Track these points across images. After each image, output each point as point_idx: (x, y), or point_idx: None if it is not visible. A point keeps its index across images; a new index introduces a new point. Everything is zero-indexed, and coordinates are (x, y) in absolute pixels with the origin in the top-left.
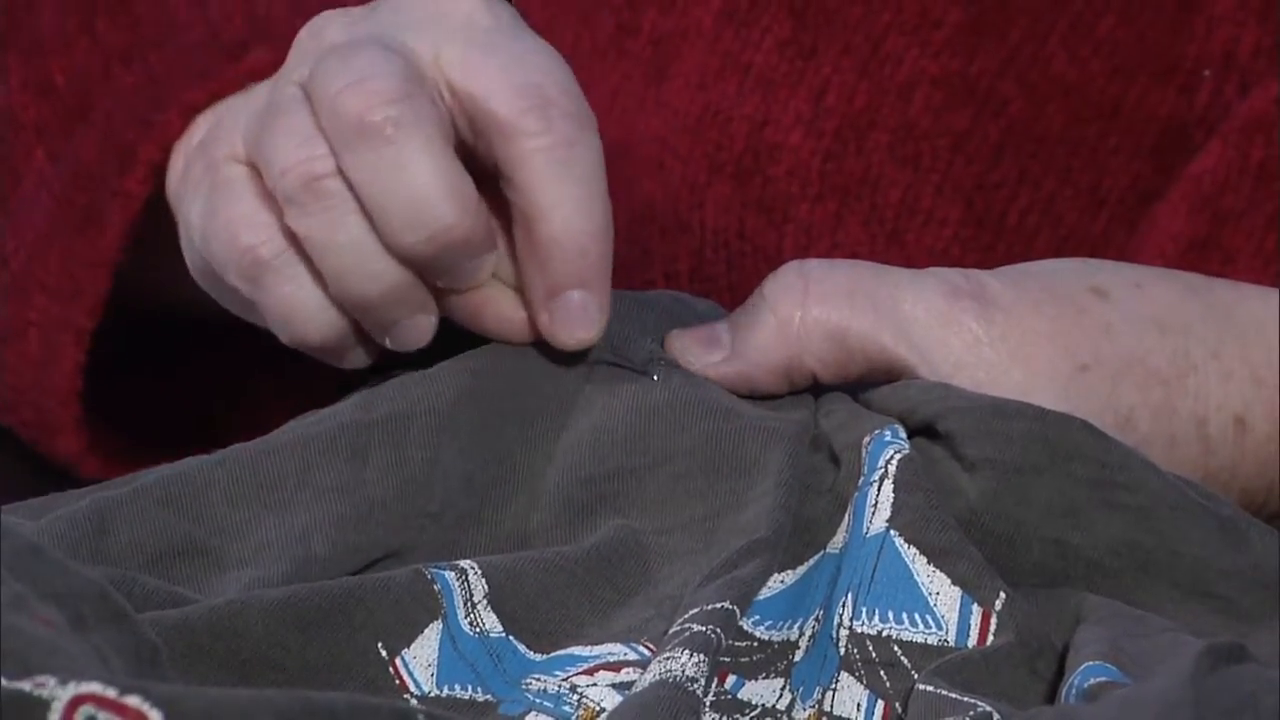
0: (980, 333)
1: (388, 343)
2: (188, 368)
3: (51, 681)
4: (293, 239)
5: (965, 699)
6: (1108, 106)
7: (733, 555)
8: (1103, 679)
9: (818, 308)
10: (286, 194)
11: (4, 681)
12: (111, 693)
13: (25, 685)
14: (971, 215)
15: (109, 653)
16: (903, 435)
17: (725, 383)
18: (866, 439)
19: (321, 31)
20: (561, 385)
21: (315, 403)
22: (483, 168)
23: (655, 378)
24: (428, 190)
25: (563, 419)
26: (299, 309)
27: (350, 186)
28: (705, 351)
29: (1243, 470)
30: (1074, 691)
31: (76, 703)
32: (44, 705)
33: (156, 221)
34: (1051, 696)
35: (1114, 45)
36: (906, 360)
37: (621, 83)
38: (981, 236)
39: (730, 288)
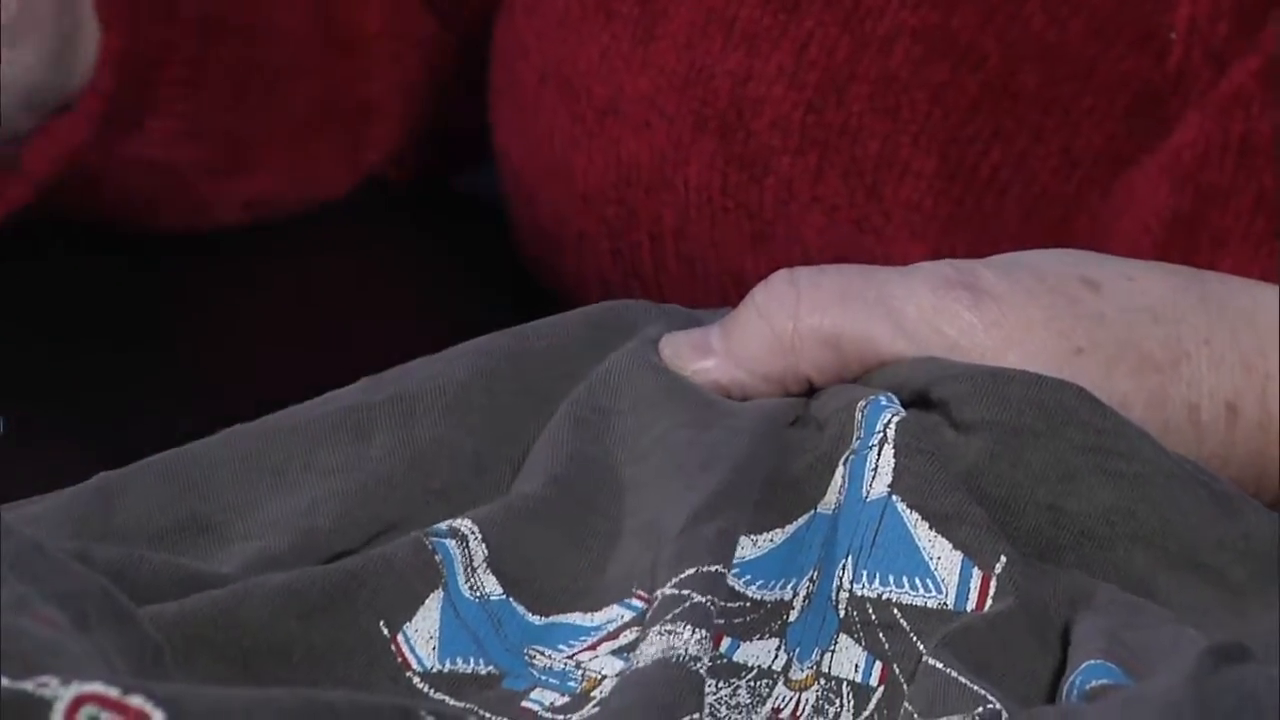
0: (974, 320)
1: None
2: None
3: (54, 681)
4: None
5: (974, 686)
6: (1083, 68)
7: (711, 499)
8: (1104, 681)
9: (810, 316)
10: None
11: (6, 681)
12: (114, 692)
13: (28, 685)
14: (945, 168)
15: (112, 652)
16: (896, 401)
17: (718, 388)
18: (862, 403)
19: None
20: (578, 368)
21: None
22: None
23: None
24: None
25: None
26: None
27: None
28: (697, 356)
29: (1234, 458)
30: (1075, 692)
31: (79, 703)
32: (46, 705)
33: None
34: (1060, 672)
35: (1093, 8)
36: (903, 355)
37: (611, 43)
38: (953, 189)
39: (714, 244)
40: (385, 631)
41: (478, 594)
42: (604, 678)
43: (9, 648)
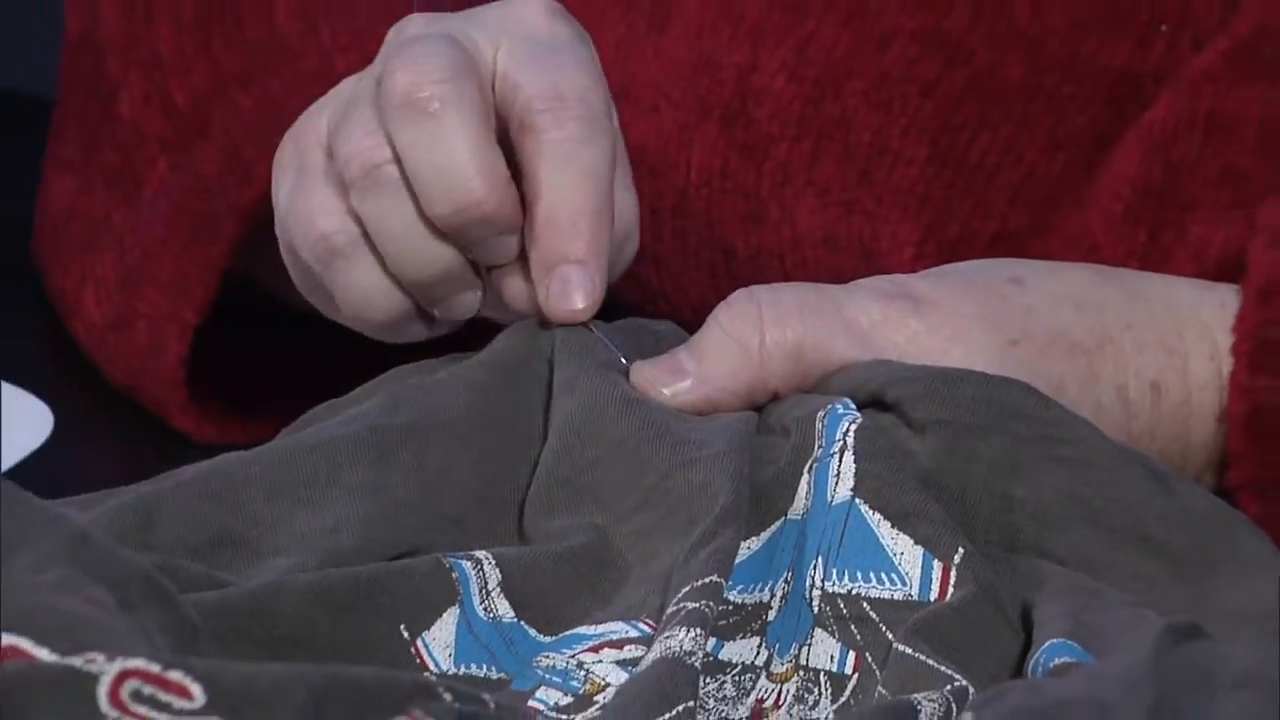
0: (919, 327)
1: (437, 314)
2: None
3: (100, 657)
4: (362, 225)
5: (942, 668)
6: (1065, 57)
7: (710, 526)
8: (1067, 659)
9: (775, 329)
10: (350, 180)
11: (57, 657)
12: (156, 668)
13: (76, 661)
14: (936, 155)
15: (154, 631)
16: (853, 407)
17: (692, 408)
18: (821, 413)
19: (403, 29)
20: (544, 396)
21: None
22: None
23: (624, 360)
24: (461, 164)
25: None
26: (365, 292)
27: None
28: (673, 380)
29: (1160, 433)
30: (1040, 669)
31: (123, 677)
32: (93, 679)
33: (267, 228)
34: (1025, 652)
35: (1072, 1)
36: (860, 361)
37: (626, 33)
38: (943, 174)
39: (709, 222)
40: (406, 635)
41: (491, 615)
42: (608, 685)
43: (60, 625)
